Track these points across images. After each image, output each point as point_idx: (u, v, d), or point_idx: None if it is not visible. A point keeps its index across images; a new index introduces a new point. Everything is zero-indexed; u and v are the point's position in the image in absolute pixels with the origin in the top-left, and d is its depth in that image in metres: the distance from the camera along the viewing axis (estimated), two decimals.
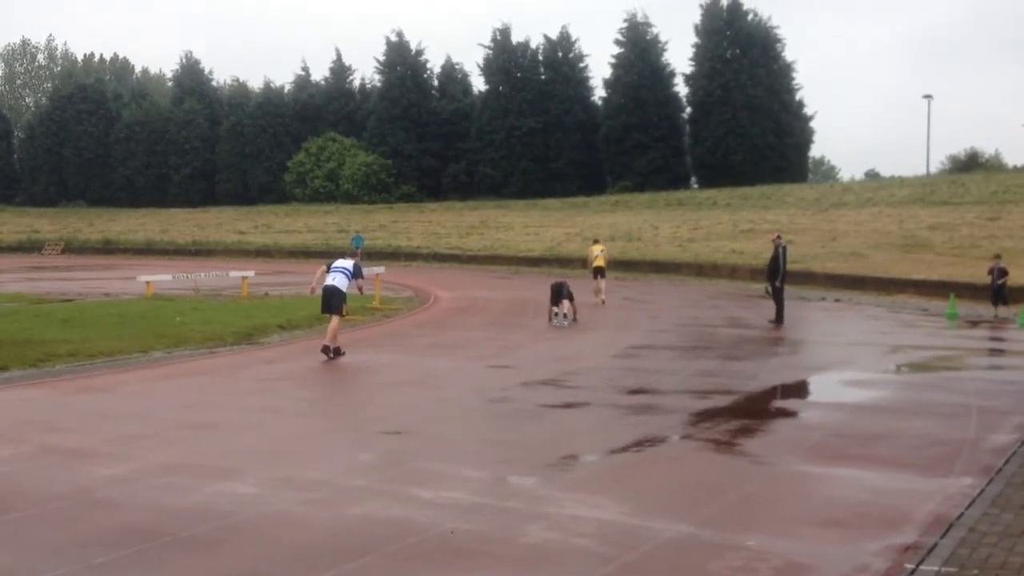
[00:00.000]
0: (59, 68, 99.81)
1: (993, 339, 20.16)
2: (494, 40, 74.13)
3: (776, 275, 21.79)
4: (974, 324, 22.31)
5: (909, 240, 38.48)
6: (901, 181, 58.11)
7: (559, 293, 21.01)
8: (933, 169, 70.39)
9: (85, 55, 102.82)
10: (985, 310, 24.53)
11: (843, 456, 8.81)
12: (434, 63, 79.68)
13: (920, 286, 29.49)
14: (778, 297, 21.83)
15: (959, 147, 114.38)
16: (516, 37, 74.26)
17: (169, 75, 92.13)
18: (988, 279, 25.20)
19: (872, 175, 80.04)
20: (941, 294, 27.00)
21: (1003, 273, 24.59)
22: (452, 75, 79.38)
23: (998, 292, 24.41)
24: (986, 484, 7.74)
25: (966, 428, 10.07)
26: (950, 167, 69.91)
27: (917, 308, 26.07)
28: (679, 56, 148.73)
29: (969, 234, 37.84)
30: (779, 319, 21.53)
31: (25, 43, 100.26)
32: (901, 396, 12.56)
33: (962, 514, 6.90)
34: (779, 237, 22.72)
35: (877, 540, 6.35)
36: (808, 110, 71.51)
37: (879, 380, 13.95)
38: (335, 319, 15.52)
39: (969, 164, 67.07)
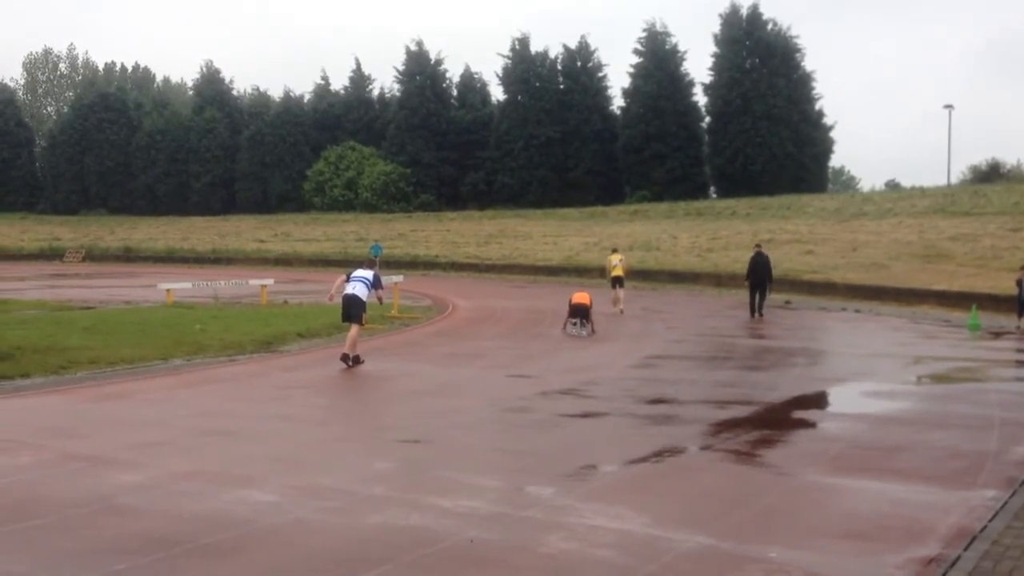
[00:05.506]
0: (80, 77, 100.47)
1: (1016, 351, 19.99)
2: (513, 49, 74.25)
3: (767, 280, 26.21)
4: (996, 335, 22.12)
5: (930, 250, 38.23)
6: (922, 191, 57.76)
7: (579, 312, 20.96)
8: (954, 180, 70.03)
9: (106, 64, 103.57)
10: (1008, 321, 24.31)
11: (864, 468, 8.75)
12: (453, 72, 79.92)
13: (941, 297, 29.27)
14: (759, 296, 26.00)
15: (980, 158, 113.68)
16: (535, 47, 74.45)
17: (190, 84, 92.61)
18: (1015, 290, 24.85)
19: (893, 185, 79.54)
20: (963, 305, 26.77)
21: None
22: (471, 84, 79.53)
23: None
24: (1009, 496, 7.67)
25: (988, 440, 9.98)
26: (971, 178, 69.48)
27: (938, 319, 25.87)
28: (698, 66, 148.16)
29: (991, 245, 37.54)
30: (754, 312, 25.90)
31: (47, 52, 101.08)
32: (922, 408, 12.47)
33: (985, 527, 6.84)
34: (759, 245, 27.80)
35: (899, 553, 6.30)
36: (828, 120, 71.43)
37: (900, 391, 13.86)
38: (354, 327, 15.55)
39: (990, 175, 66.62)
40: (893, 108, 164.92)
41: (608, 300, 26.03)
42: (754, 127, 65.04)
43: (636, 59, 70.80)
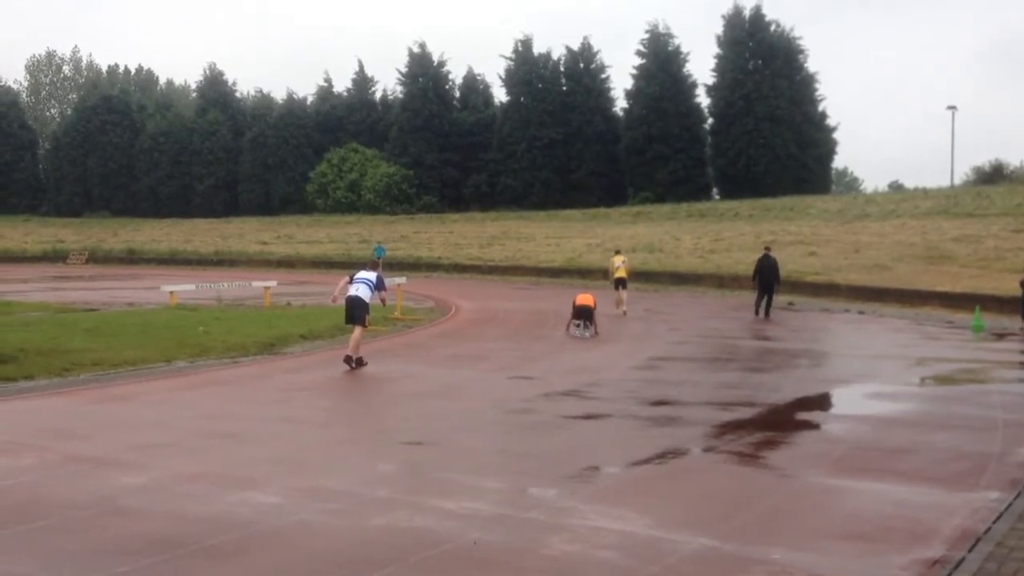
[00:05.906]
0: (84, 79, 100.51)
1: (1019, 352, 19.96)
2: (516, 51, 74.34)
3: (775, 283, 26.63)
4: (1000, 336, 22.09)
5: (933, 252, 38.18)
6: (925, 193, 57.71)
7: (583, 314, 20.89)
8: (957, 181, 69.97)
9: (110, 66, 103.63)
10: (1011, 323, 24.28)
11: (868, 469, 8.74)
12: (456, 74, 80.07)
13: (945, 298, 29.23)
14: (766, 299, 26.46)
15: (983, 159, 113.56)
16: (538, 48, 74.62)
17: (193, 86, 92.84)
18: (1018, 291, 24.80)
19: (896, 187, 79.57)
20: (966, 306, 26.75)
21: None
22: (474, 86, 79.62)
23: None
24: (1013, 498, 7.66)
25: (992, 442, 9.97)
26: (974, 179, 69.41)
27: (942, 320, 25.85)
28: (701, 67, 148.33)
29: (994, 246, 37.48)
30: (758, 312, 26.37)
31: (50, 54, 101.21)
32: (926, 409, 12.46)
33: (989, 528, 6.83)
34: (768, 248, 28.39)
35: (903, 554, 6.29)
36: (831, 121, 71.47)
37: (903, 393, 13.84)
38: (357, 329, 15.56)
39: (994, 176, 66.55)
40: (896, 109, 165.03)
41: (611, 302, 26.01)
42: (757, 128, 65.04)
43: (638, 60, 70.94)
